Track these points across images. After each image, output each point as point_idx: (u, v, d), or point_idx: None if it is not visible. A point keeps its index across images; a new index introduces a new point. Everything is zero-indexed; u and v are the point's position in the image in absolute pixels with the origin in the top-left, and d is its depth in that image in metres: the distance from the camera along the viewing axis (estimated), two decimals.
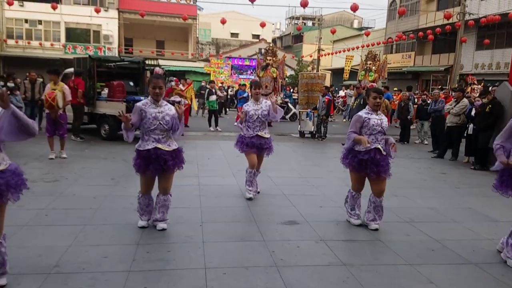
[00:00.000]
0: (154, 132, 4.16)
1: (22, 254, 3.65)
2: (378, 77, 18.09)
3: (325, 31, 36.09)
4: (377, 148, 4.55)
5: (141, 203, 4.42)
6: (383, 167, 4.56)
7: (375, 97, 4.56)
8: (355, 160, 4.59)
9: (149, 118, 4.13)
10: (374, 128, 4.53)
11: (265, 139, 5.81)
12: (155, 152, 4.15)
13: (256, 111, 5.73)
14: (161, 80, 4.22)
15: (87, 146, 9.80)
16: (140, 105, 4.19)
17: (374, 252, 4.16)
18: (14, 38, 31.16)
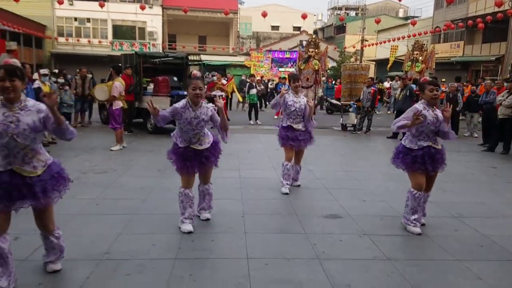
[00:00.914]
0: (186, 135, 4.15)
1: (75, 241, 3.86)
2: (425, 68, 17.43)
3: (368, 21, 35.14)
4: (430, 146, 4.26)
5: (183, 200, 4.24)
6: (438, 161, 4.33)
7: (431, 90, 4.21)
8: (408, 158, 4.29)
9: (183, 122, 4.09)
10: (429, 127, 4.20)
11: (299, 132, 5.72)
12: (190, 151, 4.15)
13: (294, 103, 5.66)
14: (200, 81, 4.13)
15: (134, 139, 10.16)
16: (178, 108, 4.11)
17: (420, 247, 4.05)
18: (65, 36, 32.69)
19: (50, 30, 31.75)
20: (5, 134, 2.73)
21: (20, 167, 2.85)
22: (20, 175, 2.85)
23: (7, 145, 2.77)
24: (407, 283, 3.29)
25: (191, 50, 34.29)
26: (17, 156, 2.83)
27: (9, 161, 2.82)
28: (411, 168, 4.32)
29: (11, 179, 2.82)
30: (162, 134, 10.73)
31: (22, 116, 2.79)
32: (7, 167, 2.82)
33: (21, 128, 2.77)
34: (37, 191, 2.87)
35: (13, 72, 2.77)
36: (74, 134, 3.04)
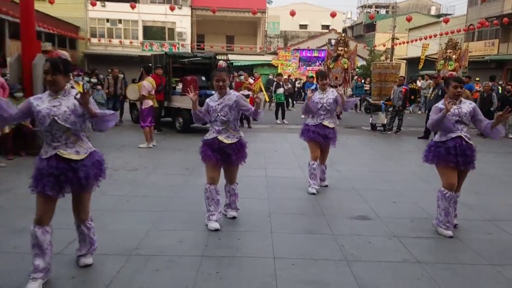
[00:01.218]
0: (215, 124, 4.29)
1: (106, 236, 3.95)
2: (458, 67, 16.91)
3: (399, 19, 34.41)
4: (460, 136, 4.21)
5: (209, 196, 4.29)
6: (469, 157, 4.22)
7: (455, 86, 4.25)
8: (441, 150, 4.23)
9: (211, 111, 4.29)
10: (451, 118, 4.21)
11: (329, 129, 5.69)
12: (217, 142, 4.26)
13: (321, 99, 5.64)
14: (224, 73, 4.33)
15: (163, 138, 10.34)
16: (207, 100, 4.41)
17: (452, 251, 3.94)
18: (97, 37, 33.58)
19: (83, 31, 32.69)
20: (47, 116, 2.95)
21: (63, 151, 3.02)
22: (64, 160, 3.01)
23: (50, 128, 2.97)
24: (437, 287, 3.21)
25: (219, 50, 34.56)
26: (60, 140, 3.01)
27: (54, 145, 3.01)
28: (445, 161, 4.22)
29: (57, 164, 3.00)
30: (191, 133, 10.88)
31: (63, 100, 3.01)
32: (52, 152, 3.01)
33: (62, 110, 2.97)
34: (81, 176, 3.04)
35: (57, 67, 2.97)
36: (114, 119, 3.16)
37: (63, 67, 3.00)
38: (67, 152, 3.02)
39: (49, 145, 3.02)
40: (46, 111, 2.96)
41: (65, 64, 3.05)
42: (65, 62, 3.07)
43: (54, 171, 2.97)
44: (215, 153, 4.25)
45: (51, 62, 2.99)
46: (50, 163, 2.99)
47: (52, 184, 2.98)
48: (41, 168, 3.00)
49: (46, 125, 2.96)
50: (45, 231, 3.05)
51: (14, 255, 3.54)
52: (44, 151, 3.05)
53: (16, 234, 3.98)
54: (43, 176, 2.97)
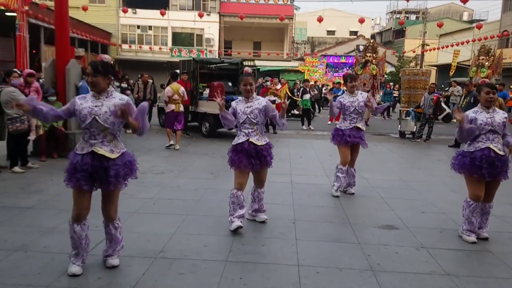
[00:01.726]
0: (244, 126, 4.32)
1: (132, 238, 4.02)
2: (491, 74, 16.39)
3: (430, 25, 33.71)
4: (489, 148, 4.12)
5: (235, 201, 4.31)
6: (498, 168, 4.11)
7: (487, 92, 4.16)
8: (466, 159, 4.19)
9: (239, 113, 4.33)
10: (483, 127, 4.11)
11: (362, 132, 5.75)
12: (252, 146, 4.28)
13: (352, 102, 5.68)
14: (250, 77, 4.44)
15: (189, 142, 10.45)
16: (233, 103, 4.47)
17: (483, 264, 3.79)
18: (128, 43, 34.46)
19: (115, 37, 33.60)
20: (89, 115, 3.13)
21: (99, 148, 3.16)
22: (98, 157, 3.15)
23: (90, 126, 3.14)
24: None
25: (246, 55, 34.76)
26: (97, 138, 3.17)
27: (91, 142, 3.16)
28: (469, 172, 4.19)
29: (92, 161, 3.15)
30: (217, 138, 10.96)
31: (105, 101, 3.19)
32: (89, 149, 3.16)
33: (103, 111, 3.15)
34: (111, 175, 3.17)
35: (96, 69, 3.15)
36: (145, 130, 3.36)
37: (103, 68, 3.17)
38: (102, 149, 3.16)
39: (86, 142, 3.19)
40: (88, 110, 3.14)
41: (105, 66, 3.22)
42: (105, 64, 3.24)
43: (88, 168, 3.13)
44: (248, 158, 4.27)
45: (92, 64, 3.19)
46: (84, 159, 3.14)
47: (86, 179, 3.13)
48: (75, 162, 3.16)
49: (87, 123, 3.13)
50: (84, 226, 3.25)
51: (44, 254, 3.64)
52: (80, 147, 3.22)
53: (47, 234, 4.10)
54: (77, 171, 3.13)
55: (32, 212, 4.78)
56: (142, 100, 12.62)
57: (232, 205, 4.33)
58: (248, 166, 4.30)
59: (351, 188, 6.01)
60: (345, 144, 5.71)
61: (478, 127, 4.13)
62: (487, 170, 4.10)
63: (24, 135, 6.74)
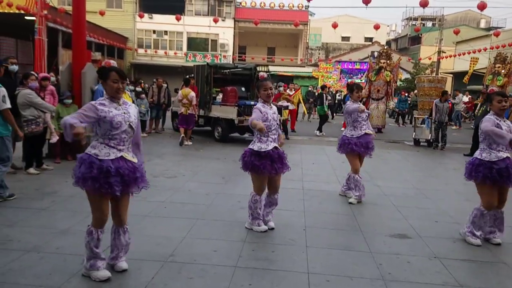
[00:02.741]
0: (272, 133, 4.34)
1: (143, 241, 4.04)
2: (508, 82, 16.11)
3: (446, 32, 33.36)
4: (509, 157, 4.12)
5: (257, 207, 4.41)
6: None
7: (499, 101, 4.16)
8: (494, 171, 4.10)
9: (269, 119, 4.30)
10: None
11: (370, 137, 5.83)
12: (276, 151, 4.32)
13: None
14: (269, 82, 4.45)
15: (202, 146, 10.50)
16: (260, 107, 4.31)
17: (498, 275, 3.70)
18: (144, 47, 34.88)
19: (131, 42, 34.06)
20: (124, 122, 3.16)
21: (127, 153, 3.22)
22: (128, 161, 3.21)
23: (122, 133, 3.15)
24: None
25: (260, 61, 34.86)
26: (125, 144, 3.22)
27: (119, 148, 3.18)
28: (492, 182, 4.13)
29: (126, 164, 3.18)
30: (229, 143, 10.98)
31: (129, 108, 3.26)
32: (118, 154, 3.17)
33: (133, 118, 3.23)
34: (137, 176, 3.24)
35: (124, 75, 3.23)
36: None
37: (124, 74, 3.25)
38: (130, 155, 3.23)
39: (112, 148, 3.14)
40: (122, 116, 3.16)
41: (124, 72, 3.30)
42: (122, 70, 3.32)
43: (124, 171, 3.14)
44: (271, 163, 4.30)
45: (118, 71, 3.21)
46: (115, 164, 3.12)
47: (118, 183, 3.12)
48: (101, 168, 3.06)
49: (121, 130, 3.14)
50: (103, 232, 3.28)
51: (56, 255, 3.68)
52: (102, 153, 3.11)
53: (60, 235, 4.15)
54: (108, 176, 3.07)
55: (45, 213, 4.85)
56: (156, 104, 12.77)
57: (254, 209, 4.43)
58: (272, 171, 4.33)
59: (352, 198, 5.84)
60: (356, 151, 5.77)
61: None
62: (508, 178, 4.10)
63: (40, 137, 6.84)
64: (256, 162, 4.27)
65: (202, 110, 11.78)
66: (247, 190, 4.85)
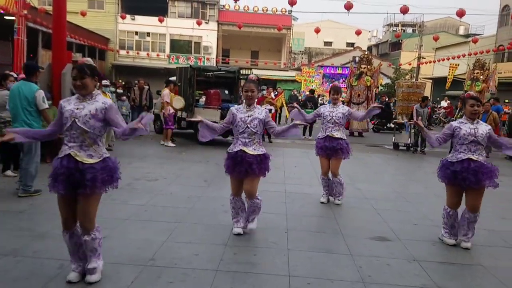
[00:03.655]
0: (242, 135, 4.32)
1: (123, 245, 3.99)
2: (486, 88, 16.52)
3: (426, 38, 34.07)
4: (470, 159, 4.28)
5: (234, 206, 4.51)
6: (483, 174, 4.25)
7: (472, 105, 4.35)
8: (448, 171, 4.40)
9: (238, 122, 4.32)
10: (466, 138, 4.31)
11: (337, 140, 5.78)
12: (241, 154, 4.30)
13: (331, 112, 5.86)
14: (253, 84, 4.40)
15: (184, 149, 10.43)
16: (233, 109, 4.44)
17: (475, 278, 3.78)
18: (126, 49, 34.51)
19: (112, 43, 33.67)
20: (69, 118, 3.08)
21: (77, 152, 3.08)
22: (75, 160, 3.07)
23: (70, 128, 3.08)
24: None
25: (244, 64, 34.90)
26: (76, 141, 3.09)
27: (69, 145, 3.09)
28: (452, 183, 4.42)
29: (68, 163, 3.07)
30: (211, 146, 10.93)
31: (87, 104, 3.13)
32: (67, 152, 3.09)
33: (83, 114, 3.08)
34: (88, 178, 3.05)
35: (83, 71, 3.10)
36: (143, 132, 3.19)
37: (89, 70, 3.14)
38: (80, 154, 3.08)
39: (65, 145, 3.12)
40: (69, 112, 3.09)
41: (90, 67, 3.18)
42: (90, 66, 3.21)
43: (65, 171, 3.05)
44: (237, 166, 4.30)
45: (78, 67, 3.13)
46: (62, 162, 3.08)
47: (64, 183, 3.05)
48: (55, 167, 3.10)
49: (67, 126, 3.08)
50: (72, 234, 3.19)
51: (33, 260, 3.60)
52: (60, 151, 3.16)
53: (38, 239, 4.06)
54: (57, 175, 3.07)
55: (23, 217, 4.74)
56: (138, 106, 12.63)
57: (233, 210, 4.55)
58: (234, 173, 4.38)
59: (337, 199, 5.97)
60: (321, 154, 5.92)
61: (461, 137, 4.33)
62: (469, 180, 4.26)
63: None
64: (225, 162, 4.45)
65: (185, 113, 11.71)
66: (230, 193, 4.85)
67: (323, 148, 5.84)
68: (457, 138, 4.39)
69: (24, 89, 5.55)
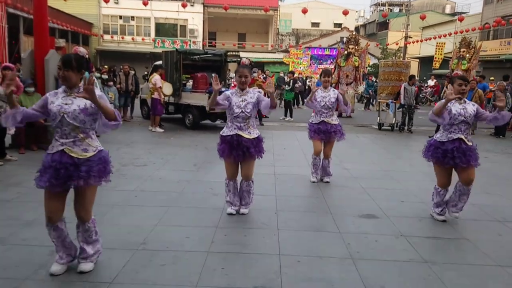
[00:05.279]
0: (236, 120, 4.35)
1: (114, 231, 4.00)
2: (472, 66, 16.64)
3: (413, 17, 34.04)
4: (461, 138, 4.35)
5: (229, 189, 4.59)
6: (471, 156, 4.35)
7: (460, 84, 4.37)
8: (439, 151, 4.42)
9: (233, 106, 4.34)
10: (456, 118, 4.33)
11: (331, 125, 5.91)
12: (237, 138, 4.33)
13: (323, 98, 5.88)
14: (246, 69, 4.41)
15: (173, 134, 10.39)
16: (228, 93, 4.45)
17: (460, 251, 3.89)
18: (110, 34, 33.87)
19: (96, 27, 33.00)
20: (58, 113, 2.98)
21: (70, 148, 3.01)
22: (69, 156, 3.01)
23: (60, 125, 2.99)
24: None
25: (231, 47, 34.57)
26: (68, 137, 3.01)
27: (62, 142, 3.02)
28: (441, 163, 4.44)
29: (61, 158, 3.00)
30: (200, 130, 10.92)
31: (76, 99, 3.02)
32: (59, 148, 3.02)
33: (72, 108, 2.98)
34: (82, 170, 3.01)
35: (69, 63, 2.97)
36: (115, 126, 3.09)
37: (76, 63, 2.99)
38: (74, 150, 3.01)
39: (57, 141, 3.03)
40: (57, 107, 2.98)
41: (78, 60, 3.02)
42: (79, 59, 3.05)
43: (57, 165, 2.97)
44: (234, 150, 4.34)
45: (64, 58, 3.01)
46: (54, 157, 3.00)
47: (54, 178, 2.96)
48: (46, 162, 3.02)
49: (57, 122, 2.98)
50: (56, 228, 3.11)
51: (23, 247, 3.59)
52: (51, 146, 3.06)
53: (26, 227, 4.04)
54: (47, 170, 2.99)
55: (11, 205, 4.71)
56: (124, 91, 12.49)
57: (228, 192, 4.61)
58: (237, 158, 4.39)
59: (327, 177, 6.17)
60: (316, 138, 5.98)
61: (452, 117, 4.33)
62: (460, 159, 4.32)
63: (1, 127, 6.59)
64: (219, 145, 4.46)
65: (172, 97, 11.62)
66: (220, 176, 4.88)
67: (318, 132, 5.91)
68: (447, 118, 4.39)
69: None
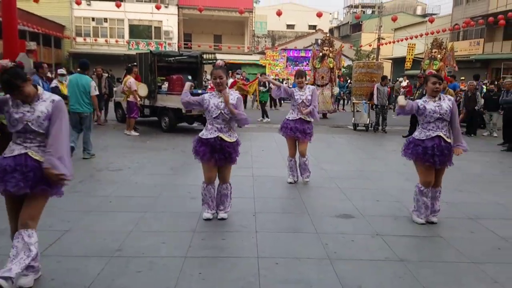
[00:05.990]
0: (216, 121, 4.30)
1: (88, 238, 3.91)
2: (443, 66, 17.08)
3: (385, 19, 34.73)
4: (440, 136, 4.38)
5: (206, 194, 4.49)
6: (447, 156, 4.42)
7: (434, 83, 4.41)
8: (419, 148, 4.41)
9: (211, 107, 4.30)
10: (432, 116, 4.37)
11: (307, 124, 6.00)
12: (220, 142, 4.28)
13: (301, 96, 5.96)
14: (221, 70, 4.33)
15: (148, 137, 10.24)
16: (205, 96, 4.42)
17: (434, 249, 3.98)
18: (83, 36, 33.16)
19: (68, 30, 32.26)
20: (20, 121, 2.90)
21: (35, 152, 2.94)
22: (34, 159, 2.92)
23: (24, 131, 2.91)
24: (419, 285, 3.23)
25: (207, 49, 34.39)
26: (34, 142, 2.95)
27: (25, 146, 2.94)
28: (422, 160, 4.42)
29: (25, 161, 2.90)
30: (176, 133, 10.80)
31: (37, 106, 2.94)
32: (21, 151, 2.92)
33: (36, 116, 2.91)
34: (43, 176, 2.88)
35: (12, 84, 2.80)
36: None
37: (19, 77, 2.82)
38: (39, 154, 2.93)
39: (19, 145, 2.94)
40: (19, 115, 2.89)
41: (15, 74, 2.82)
42: (15, 73, 2.82)
43: (23, 168, 2.87)
44: (216, 154, 4.28)
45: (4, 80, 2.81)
46: (17, 161, 2.89)
47: (16, 181, 2.85)
48: (5, 165, 2.89)
49: (20, 129, 2.89)
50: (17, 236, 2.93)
51: None
52: (9, 150, 2.95)
53: None
54: (6, 173, 2.87)
55: None
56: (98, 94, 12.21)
57: (205, 197, 4.53)
58: (212, 160, 4.32)
59: (306, 178, 6.20)
60: (290, 135, 6.01)
61: (427, 115, 4.38)
62: (438, 158, 4.35)
63: None
64: (198, 148, 4.36)
65: (148, 100, 11.46)
66: (197, 180, 4.82)
67: (293, 130, 5.93)
68: (423, 116, 4.41)
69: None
